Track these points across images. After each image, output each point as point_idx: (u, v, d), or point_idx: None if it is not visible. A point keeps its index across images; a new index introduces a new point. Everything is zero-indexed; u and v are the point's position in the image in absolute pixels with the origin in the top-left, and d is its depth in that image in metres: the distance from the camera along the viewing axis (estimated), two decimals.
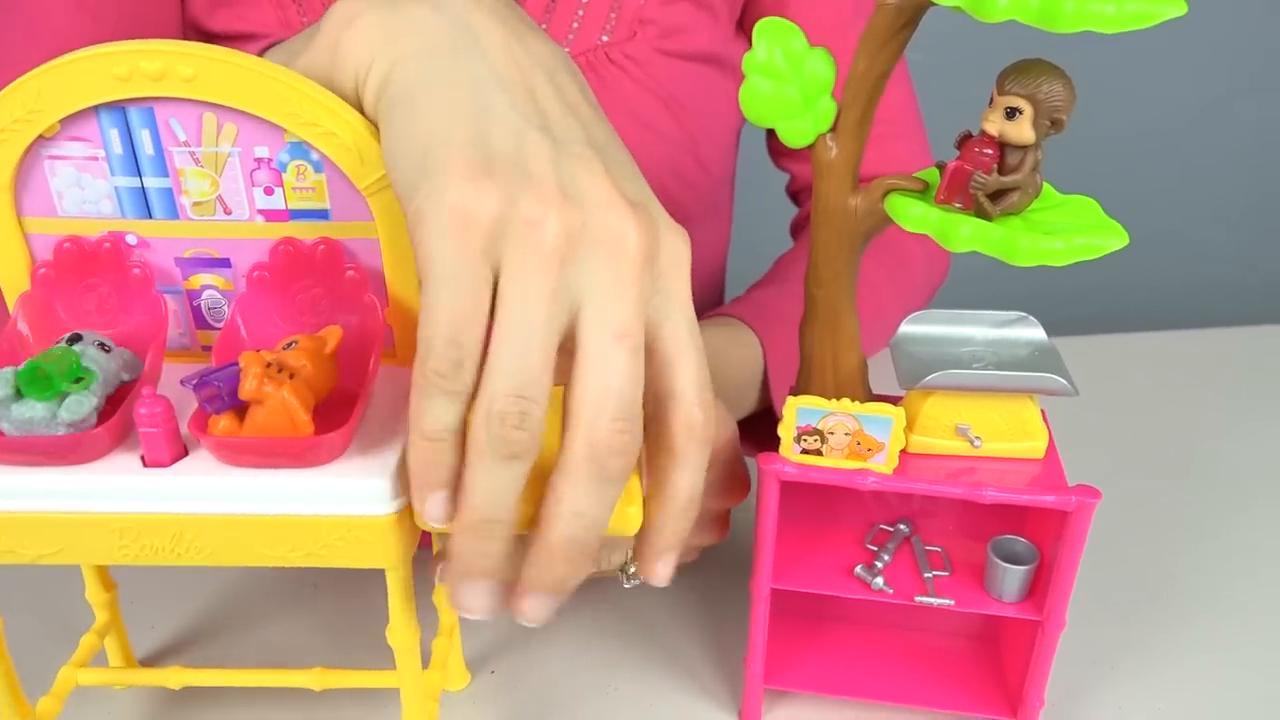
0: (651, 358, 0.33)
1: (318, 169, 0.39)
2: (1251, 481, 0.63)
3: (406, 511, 0.37)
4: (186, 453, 0.37)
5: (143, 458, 0.36)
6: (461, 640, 0.49)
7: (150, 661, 0.51)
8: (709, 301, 0.87)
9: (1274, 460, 0.65)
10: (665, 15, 0.64)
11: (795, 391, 0.42)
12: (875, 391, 0.43)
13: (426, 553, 0.46)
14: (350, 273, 0.40)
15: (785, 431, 0.40)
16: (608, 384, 0.31)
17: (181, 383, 0.36)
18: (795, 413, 0.40)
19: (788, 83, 0.38)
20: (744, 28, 0.74)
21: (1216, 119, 1.79)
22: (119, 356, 0.39)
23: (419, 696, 0.40)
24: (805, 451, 0.40)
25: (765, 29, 0.38)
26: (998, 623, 0.48)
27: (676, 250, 0.33)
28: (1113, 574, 0.55)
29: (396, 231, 0.39)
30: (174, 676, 0.46)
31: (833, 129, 0.39)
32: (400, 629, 0.39)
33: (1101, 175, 1.75)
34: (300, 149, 0.39)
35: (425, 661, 0.46)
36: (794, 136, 0.39)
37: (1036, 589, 0.42)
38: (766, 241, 0.99)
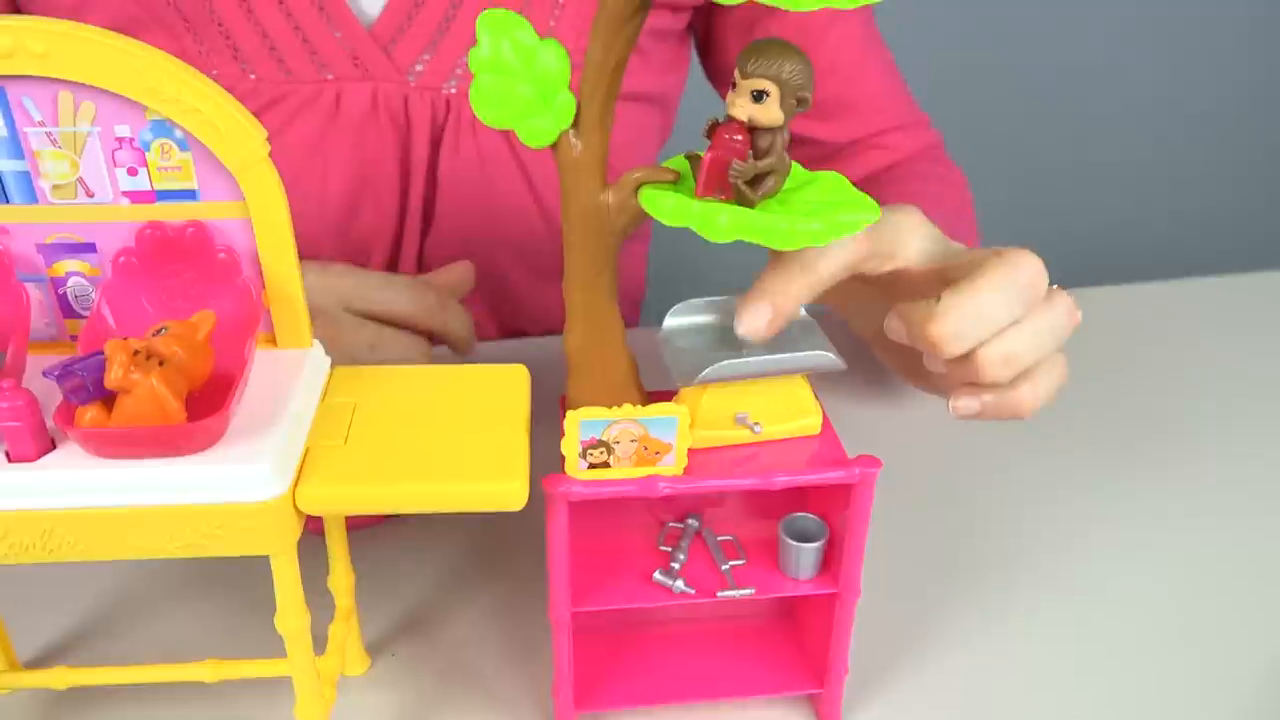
0: None
1: (183, 147, 0.38)
2: (1074, 452, 0.63)
3: (289, 496, 0.36)
4: (54, 446, 0.36)
5: (6, 453, 0.35)
6: (360, 625, 0.49)
7: (36, 664, 0.49)
8: (625, 314, 0.87)
9: (1106, 430, 0.65)
10: None
11: (569, 403, 0.41)
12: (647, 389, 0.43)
13: (318, 539, 0.45)
14: (222, 255, 0.39)
15: (569, 449, 0.38)
16: None
17: (45, 374, 0.35)
18: (578, 427, 0.38)
19: (520, 79, 0.35)
20: (716, 55, 0.76)
21: (1111, 81, 1.84)
22: None
23: (312, 683, 0.40)
24: (592, 466, 0.39)
25: (489, 22, 0.35)
26: (795, 598, 0.48)
27: None
28: (914, 543, 0.56)
29: (268, 210, 0.38)
30: (59, 677, 0.45)
31: (574, 125, 0.36)
32: (289, 616, 0.38)
33: (999, 135, 1.79)
34: (163, 126, 0.37)
35: (322, 648, 0.45)
36: (535, 137, 0.36)
37: (830, 562, 0.43)
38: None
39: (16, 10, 0.66)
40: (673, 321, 0.42)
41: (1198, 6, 1.81)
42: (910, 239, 0.44)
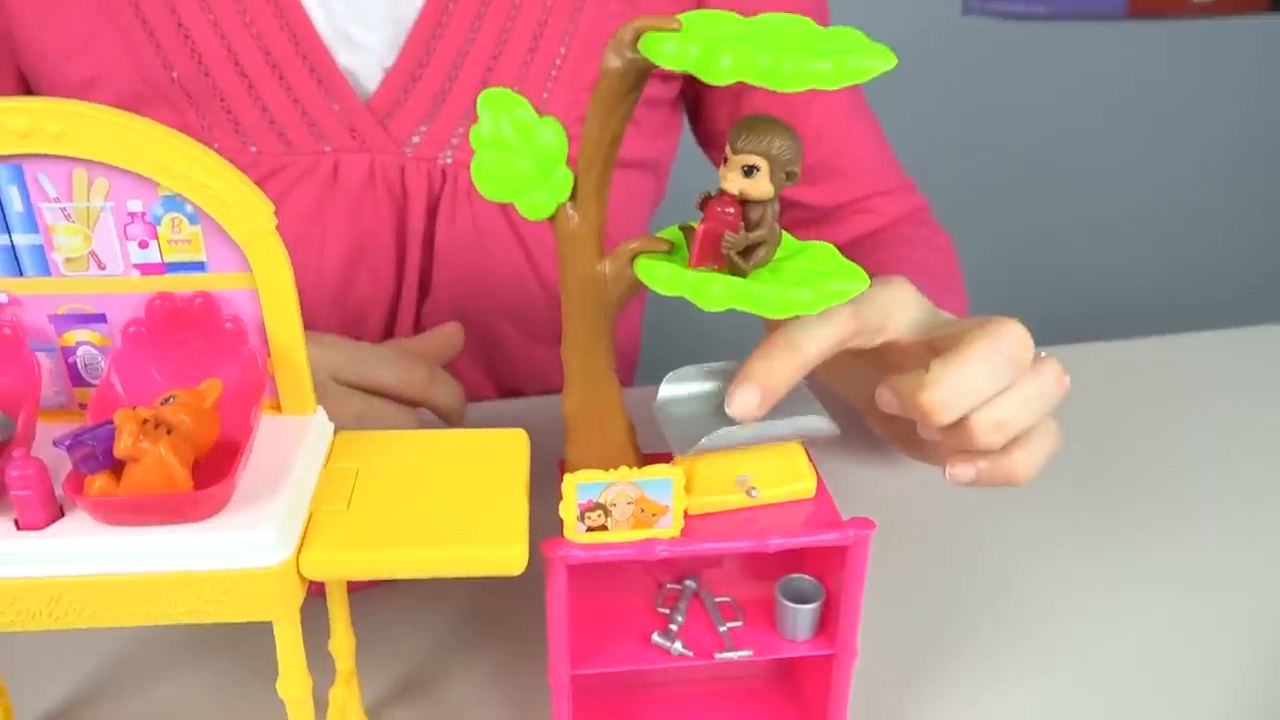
0: None
1: (193, 221, 0.39)
2: (1070, 511, 0.63)
3: (293, 561, 0.36)
4: (63, 514, 0.36)
5: (16, 521, 0.36)
6: (360, 688, 0.49)
7: None
8: (621, 374, 0.88)
9: (1102, 490, 0.65)
10: None
11: (567, 466, 0.42)
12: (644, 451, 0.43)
13: (318, 600, 0.46)
14: (229, 325, 0.40)
15: (567, 512, 0.39)
16: None
17: (55, 443, 0.35)
18: (575, 490, 0.39)
19: (519, 155, 0.36)
20: (706, 125, 0.78)
21: (1107, 136, 1.87)
22: None
23: None
24: (590, 529, 0.40)
25: (489, 101, 0.36)
26: (793, 659, 0.49)
27: None
28: (911, 604, 0.56)
29: (274, 280, 0.39)
30: None
31: (572, 198, 0.38)
32: (291, 681, 0.38)
33: (995, 190, 1.82)
34: (174, 201, 0.38)
35: (322, 712, 0.45)
36: (533, 209, 0.38)
37: (826, 623, 0.43)
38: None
39: (26, 87, 0.68)
40: (668, 390, 0.43)
41: (1193, 62, 1.84)
42: (899, 312, 0.46)
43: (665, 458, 0.43)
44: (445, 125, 0.67)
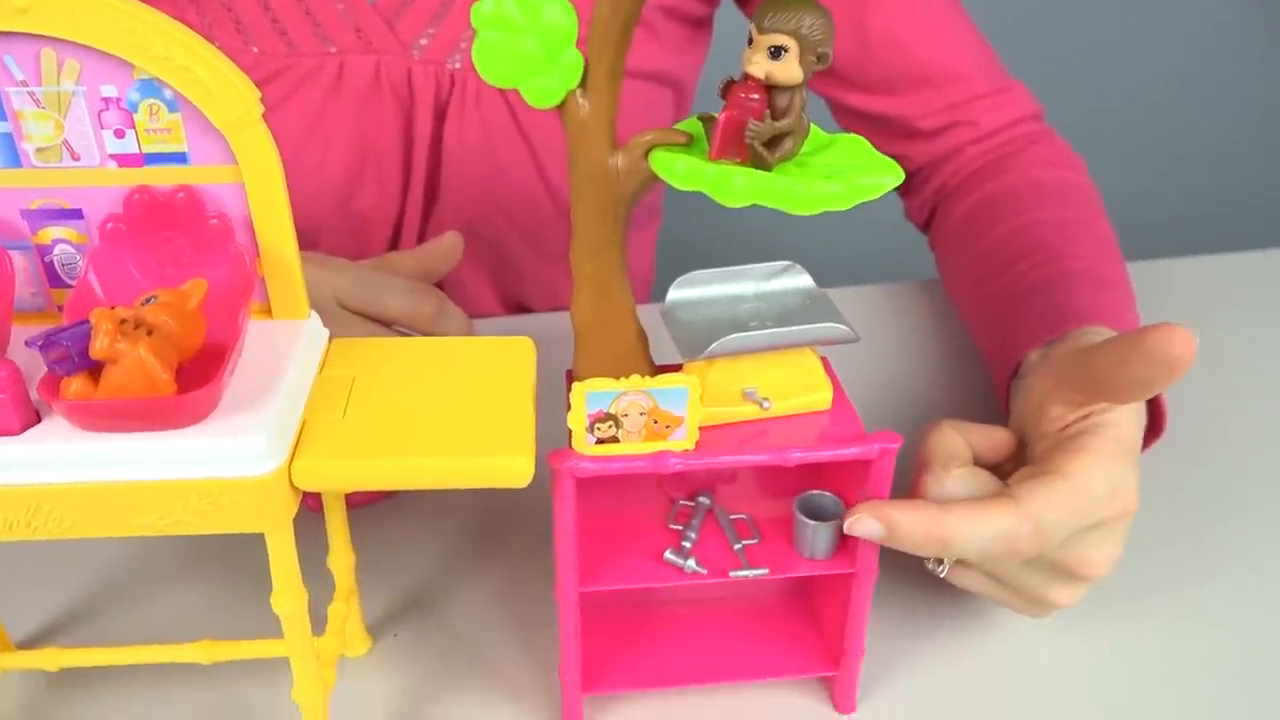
0: None
1: (172, 108, 0.36)
2: None
3: (284, 470, 0.34)
4: (39, 419, 0.34)
5: None
6: (361, 605, 0.47)
7: (28, 645, 0.48)
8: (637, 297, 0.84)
9: None
10: None
11: (576, 377, 0.39)
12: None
13: (317, 517, 0.44)
14: (214, 221, 0.37)
15: (576, 423, 0.37)
16: None
17: (27, 343, 0.33)
18: (585, 399, 0.36)
19: (524, 35, 0.33)
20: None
21: (1118, 59, 1.82)
22: None
23: (310, 663, 0.38)
24: (600, 441, 0.37)
25: None
26: (810, 577, 0.47)
27: None
28: None
29: (262, 174, 0.37)
30: (50, 658, 0.44)
31: (582, 84, 0.35)
32: (285, 595, 0.36)
33: None
34: (152, 86, 0.36)
35: (321, 628, 0.44)
36: (540, 97, 0.35)
37: (846, 541, 0.41)
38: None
39: None
40: (677, 294, 0.41)
41: None
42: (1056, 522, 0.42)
43: (678, 369, 0.40)
44: (454, 28, 0.63)
